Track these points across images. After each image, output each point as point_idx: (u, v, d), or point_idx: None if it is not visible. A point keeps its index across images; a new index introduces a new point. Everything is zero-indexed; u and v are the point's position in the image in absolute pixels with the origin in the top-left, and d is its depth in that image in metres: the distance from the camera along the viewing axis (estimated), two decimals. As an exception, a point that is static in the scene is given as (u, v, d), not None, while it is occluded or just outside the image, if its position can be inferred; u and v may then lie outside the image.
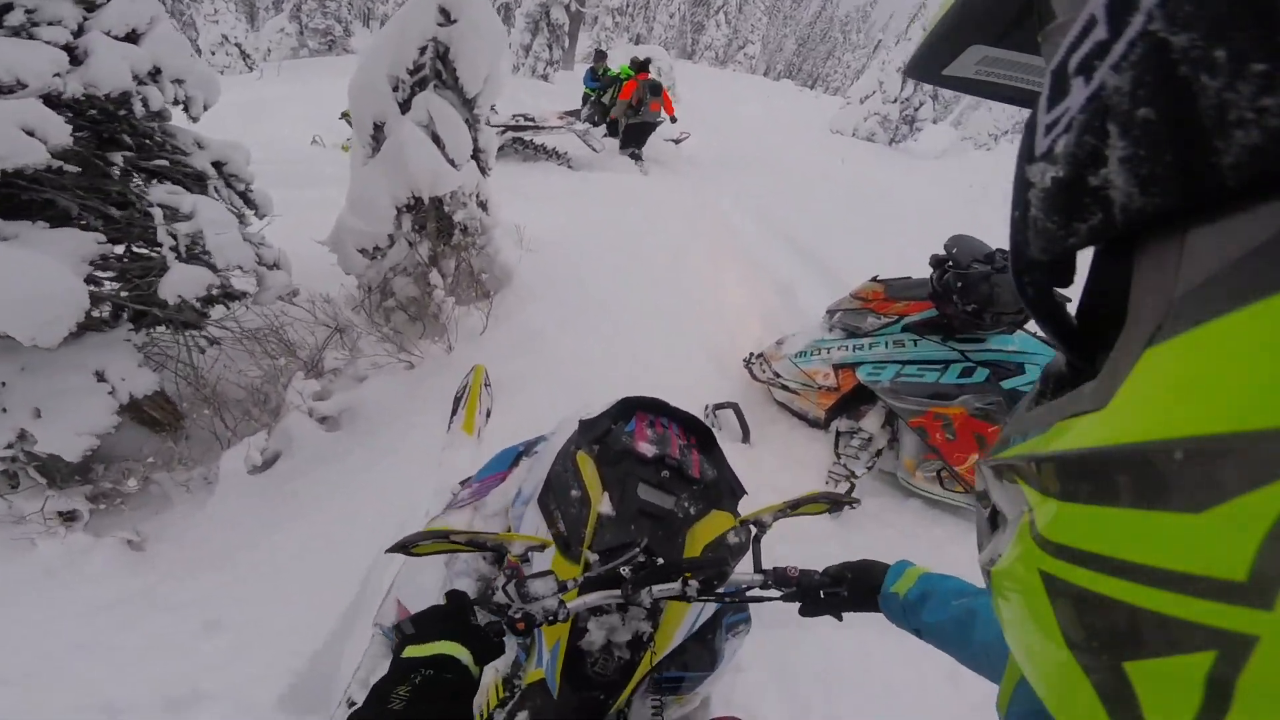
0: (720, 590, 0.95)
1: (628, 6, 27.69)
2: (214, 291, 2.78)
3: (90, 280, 2.58)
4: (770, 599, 1.00)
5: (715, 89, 16.62)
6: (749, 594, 1.01)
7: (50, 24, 2.36)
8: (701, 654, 1.18)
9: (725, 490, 1.24)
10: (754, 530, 1.11)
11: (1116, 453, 0.20)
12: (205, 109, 2.91)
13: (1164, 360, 0.19)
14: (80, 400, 2.47)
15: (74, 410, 2.44)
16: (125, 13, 2.56)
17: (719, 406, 3.04)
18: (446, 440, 2.52)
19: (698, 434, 1.34)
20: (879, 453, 2.83)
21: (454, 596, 0.83)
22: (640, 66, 8.04)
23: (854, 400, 2.88)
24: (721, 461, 1.29)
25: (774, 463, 2.90)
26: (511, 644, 1.19)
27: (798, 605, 1.02)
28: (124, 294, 2.67)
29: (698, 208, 6.04)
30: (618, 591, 0.91)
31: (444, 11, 2.98)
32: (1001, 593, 0.29)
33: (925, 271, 2.74)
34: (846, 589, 0.97)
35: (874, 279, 2.93)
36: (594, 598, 0.91)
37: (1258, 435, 0.15)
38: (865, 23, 46.65)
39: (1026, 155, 0.24)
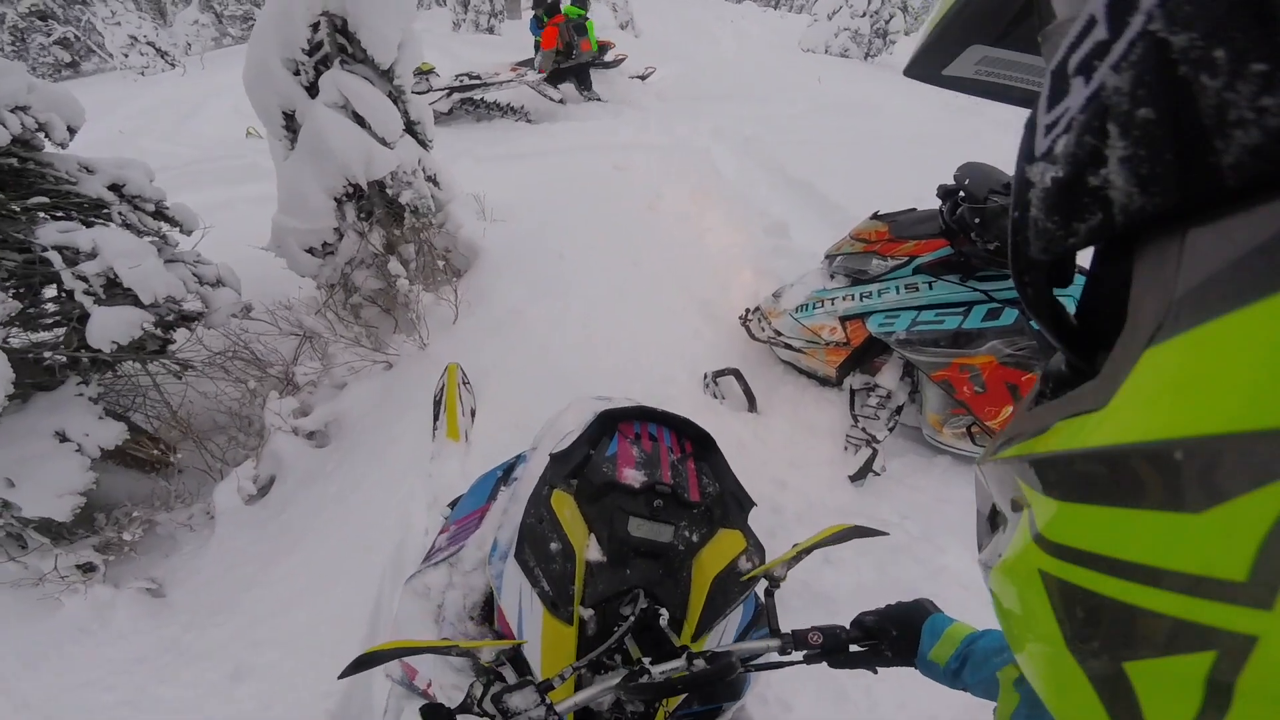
0: (736, 672, 0.82)
1: None
2: (160, 321, 2.57)
3: (21, 329, 2.41)
4: (790, 664, 0.89)
5: (677, 17, 15.75)
6: (766, 664, 0.89)
7: None
8: (725, 688, 1.07)
9: (731, 504, 1.09)
10: (769, 586, 0.96)
11: (1116, 453, 0.20)
12: (72, 132, 2.62)
13: (1164, 360, 0.19)
14: (49, 463, 2.38)
15: (46, 474, 2.36)
16: None
17: (718, 374, 2.76)
18: (434, 449, 2.37)
19: (692, 439, 1.17)
20: (899, 409, 2.56)
21: (432, 714, 0.75)
22: (552, 9, 7.45)
23: (867, 353, 2.60)
24: (723, 469, 1.13)
25: (785, 432, 2.64)
26: None
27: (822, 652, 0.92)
28: (57, 350, 2.46)
29: (672, 146, 5.66)
30: (612, 686, 0.79)
31: None
32: (1001, 593, 0.29)
33: (930, 201, 2.44)
34: (888, 647, 0.87)
35: (875, 215, 2.60)
36: (584, 696, 0.78)
37: (1258, 435, 0.15)
38: None
39: (1026, 155, 0.24)
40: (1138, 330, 0.21)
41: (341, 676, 0.82)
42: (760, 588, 0.98)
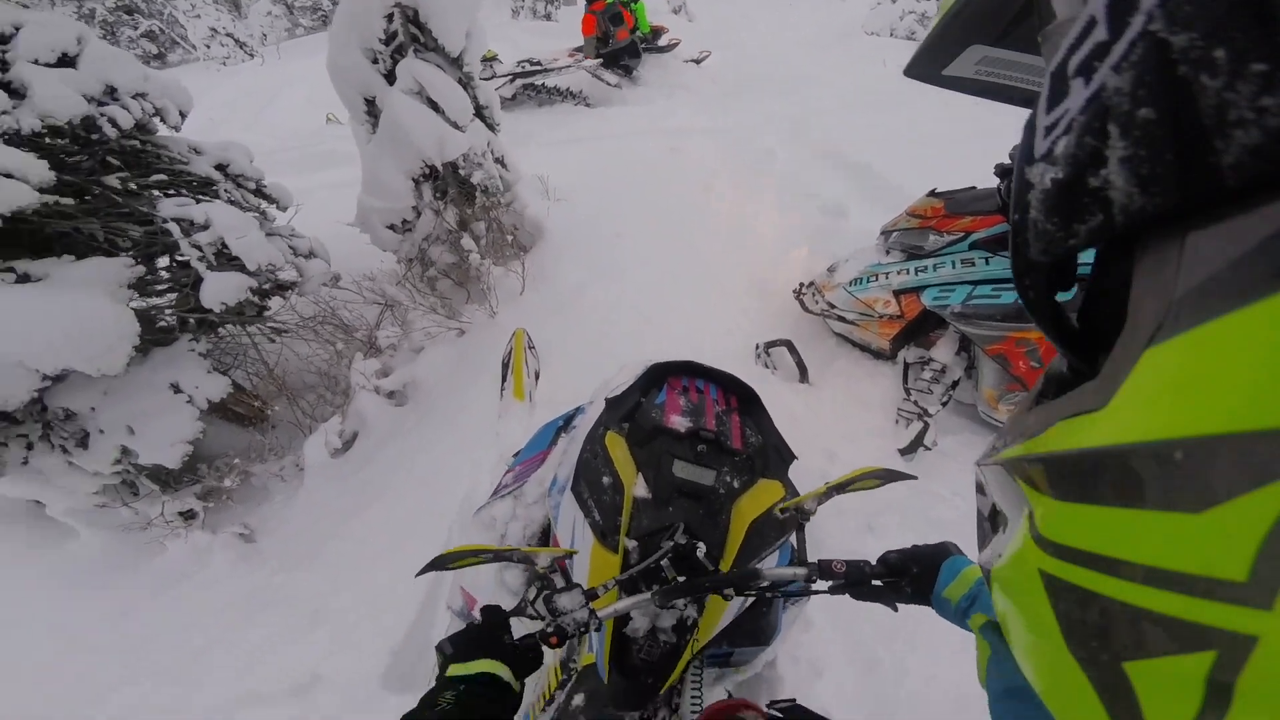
0: (761, 585, 0.90)
1: None
2: (263, 287, 2.84)
3: (142, 295, 2.69)
4: (814, 593, 0.94)
5: (729, 2, 15.48)
6: (791, 589, 0.94)
7: None
8: (753, 630, 1.14)
9: (772, 456, 1.14)
10: (797, 518, 1.02)
11: (1117, 453, 0.20)
12: (183, 116, 2.88)
13: (1164, 360, 0.19)
14: (164, 413, 2.62)
15: (162, 423, 2.60)
16: (46, 40, 2.50)
17: (770, 345, 2.85)
18: (500, 408, 2.54)
19: (738, 394, 1.24)
20: (954, 384, 2.57)
21: (489, 613, 0.84)
22: None
23: (922, 327, 2.62)
24: (767, 424, 1.19)
25: (836, 403, 2.71)
26: None
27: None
28: (173, 309, 2.76)
29: (726, 130, 5.69)
30: (648, 597, 0.86)
31: None
32: (1002, 592, 0.29)
33: (989, 181, 2.46)
34: (908, 584, 0.90)
35: (932, 193, 2.62)
36: (624, 605, 0.86)
37: (1258, 435, 0.15)
38: None
39: (1026, 157, 0.24)
40: (1138, 330, 0.21)
41: (418, 575, 0.94)
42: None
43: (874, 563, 0.92)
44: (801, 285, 3.02)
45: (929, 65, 0.50)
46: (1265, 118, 0.16)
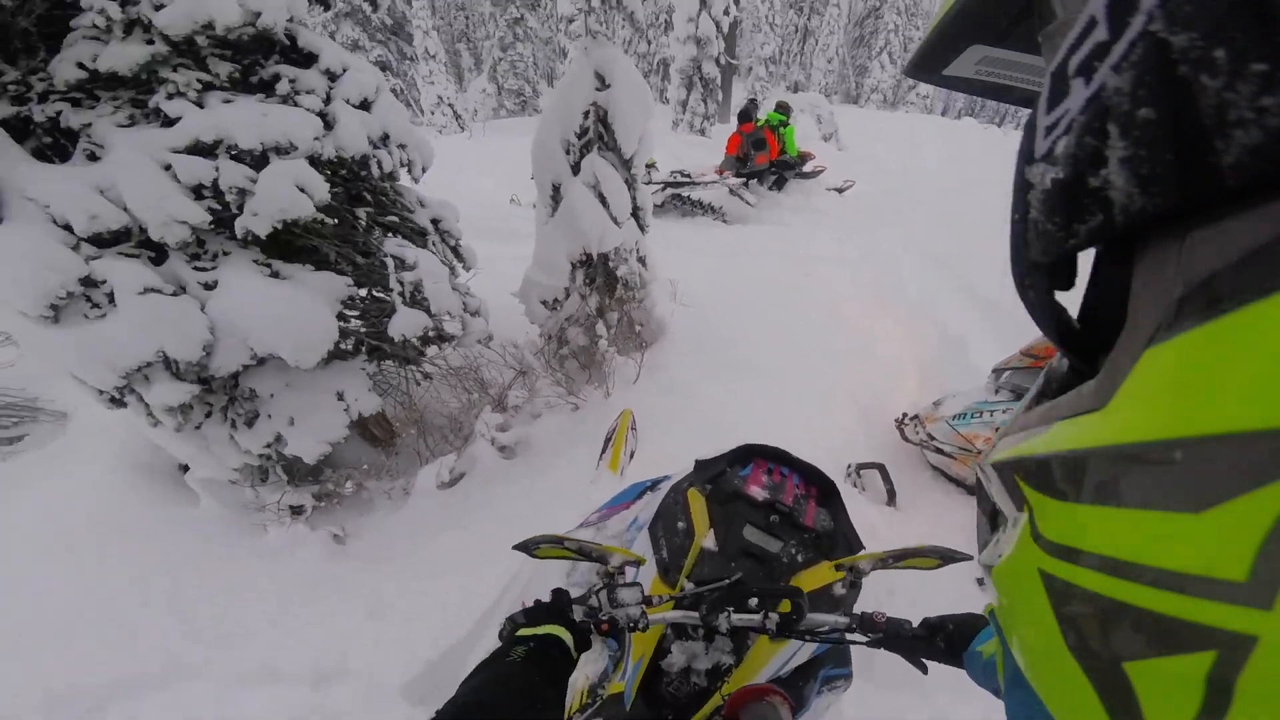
0: (801, 628, 0.94)
1: (781, 55, 27.18)
2: (429, 333, 3.27)
3: (339, 317, 3.10)
4: (854, 643, 0.98)
5: (885, 133, 15.86)
6: (830, 635, 0.98)
7: (307, 92, 2.75)
8: (792, 691, 1.13)
9: (841, 543, 1.19)
10: (850, 576, 1.08)
11: (1116, 453, 0.20)
12: (424, 171, 3.32)
13: (1164, 360, 0.19)
14: (323, 414, 2.96)
15: (318, 421, 2.95)
16: (359, 83, 2.90)
17: (863, 466, 2.92)
18: (594, 475, 2.76)
19: (819, 485, 1.29)
20: None
21: (557, 593, 0.93)
22: (743, 116, 8.11)
23: None
24: (841, 514, 1.25)
25: (920, 528, 2.71)
26: (603, 655, 1.26)
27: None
28: (363, 330, 3.25)
29: (860, 260, 5.91)
30: (696, 615, 0.94)
31: (599, 77, 3.32)
32: (1002, 593, 0.29)
33: None
34: (943, 640, 0.94)
35: None
36: (674, 614, 0.95)
37: (1258, 435, 0.16)
38: None
39: (1026, 157, 0.24)
40: (1138, 330, 0.21)
41: (514, 547, 1.04)
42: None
43: (914, 624, 0.97)
44: (905, 415, 3.08)
45: (929, 65, 0.49)
46: (1265, 118, 0.16)
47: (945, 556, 1.09)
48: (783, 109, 8.27)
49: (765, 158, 7.84)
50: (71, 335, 2.42)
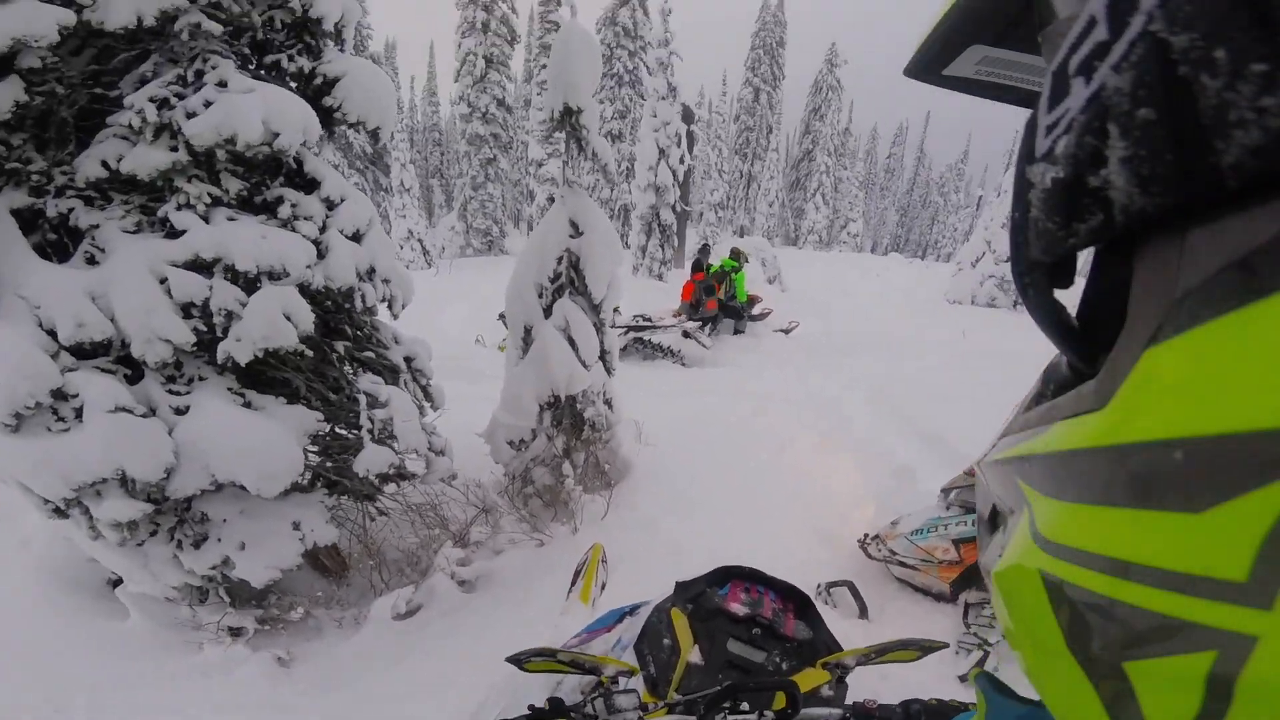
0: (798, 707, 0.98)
1: (728, 200, 29.18)
2: (392, 470, 3.26)
3: (304, 451, 3.08)
4: None
5: (822, 272, 17.25)
6: None
7: (305, 219, 2.80)
8: None
9: (822, 649, 1.23)
10: (837, 673, 1.13)
11: (1116, 453, 0.20)
12: (404, 308, 3.38)
13: (1164, 360, 0.19)
14: (276, 541, 2.91)
15: (271, 547, 2.89)
16: (353, 214, 2.95)
17: (832, 585, 3.03)
18: (564, 607, 2.73)
19: (794, 600, 1.35)
20: None
21: (554, 702, 0.95)
22: (695, 266, 8.92)
23: (980, 573, 2.75)
24: (819, 623, 1.31)
25: (894, 635, 2.74)
26: None
27: None
28: (328, 465, 3.24)
29: (807, 396, 6.31)
30: (693, 717, 0.96)
31: (574, 224, 3.54)
32: (1002, 594, 0.29)
33: None
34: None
35: None
36: (672, 718, 0.98)
37: (1258, 435, 0.16)
38: (961, 180, 43.45)
39: (1026, 156, 0.24)
40: (1138, 330, 0.21)
41: (507, 660, 1.03)
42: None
43: (899, 708, 0.99)
44: (866, 536, 3.25)
45: (928, 65, 0.49)
46: (1265, 118, 0.16)
47: (924, 648, 1.15)
48: (735, 256, 9.06)
49: (714, 303, 8.55)
50: (29, 445, 2.36)
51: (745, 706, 1.01)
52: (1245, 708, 0.17)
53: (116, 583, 3.05)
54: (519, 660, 1.07)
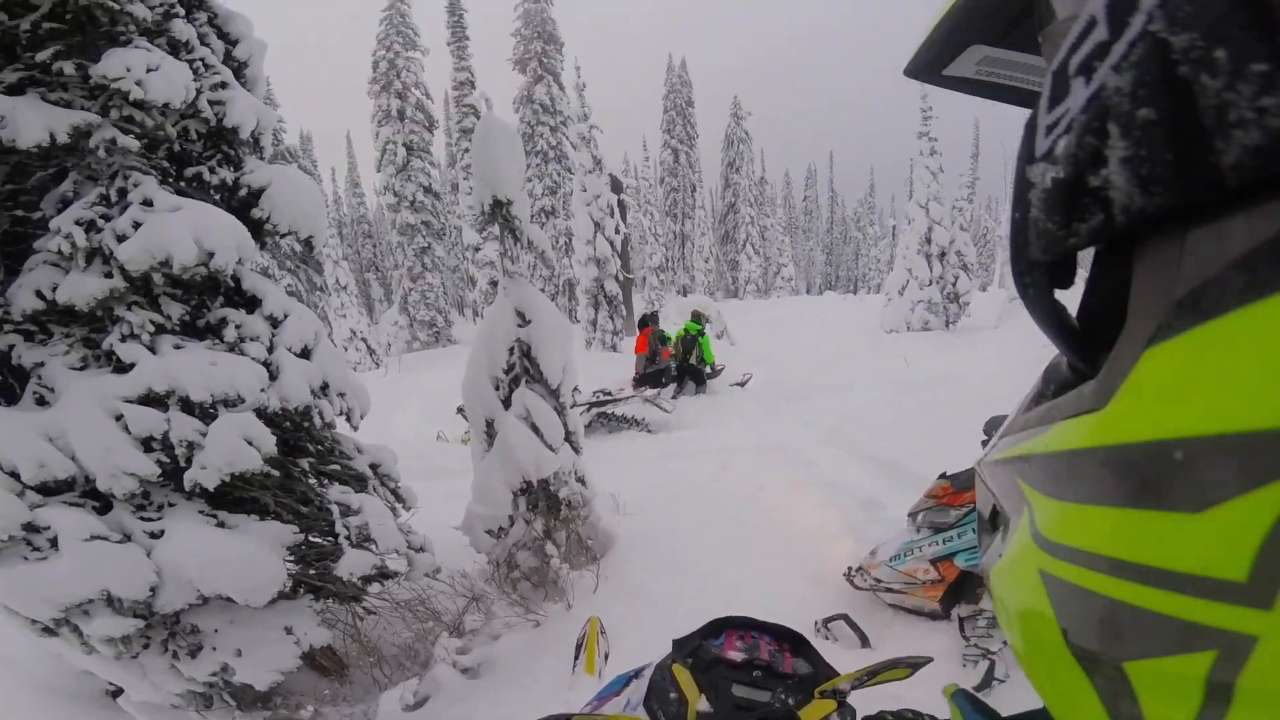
0: None
1: (667, 262, 29.74)
2: (373, 571, 3.27)
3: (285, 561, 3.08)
4: None
5: (764, 320, 17.73)
6: None
7: (252, 340, 2.81)
8: None
9: (823, 681, 1.28)
10: (837, 698, 1.20)
11: (1116, 453, 0.20)
12: (362, 418, 3.41)
13: (1164, 360, 0.19)
14: (272, 646, 2.92)
15: (267, 653, 2.90)
16: (299, 329, 2.97)
17: (829, 620, 3.12)
18: (571, 681, 2.75)
19: (789, 640, 1.41)
20: None
21: None
22: (649, 321, 9.43)
23: (966, 585, 2.94)
24: (817, 657, 1.36)
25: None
26: None
27: None
28: (311, 572, 3.21)
29: (768, 445, 6.53)
30: None
31: (520, 314, 3.61)
32: (1002, 593, 0.29)
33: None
34: None
35: (941, 476, 3.19)
36: None
37: (1258, 435, 0.16)
38: (874, 213, 44.66)
39: (1027, 156, 0.24)
40: (1138, 330, 0.21)
41: None
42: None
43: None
44: (850, 569, 3.38)
45: (928, 65, 0.49)
46: (1265, 118, 0.16)
47: (912, 664, 1.22)
48: (697, 319, 9.46)
49: (668, 351, 8.93)
50: (8, 573, 2.33)
51: None
52: (1245, 708, 0.17)
53: (116, 693, 2.99)
54: None
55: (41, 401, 2.60)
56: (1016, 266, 0.26)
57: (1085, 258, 0.25)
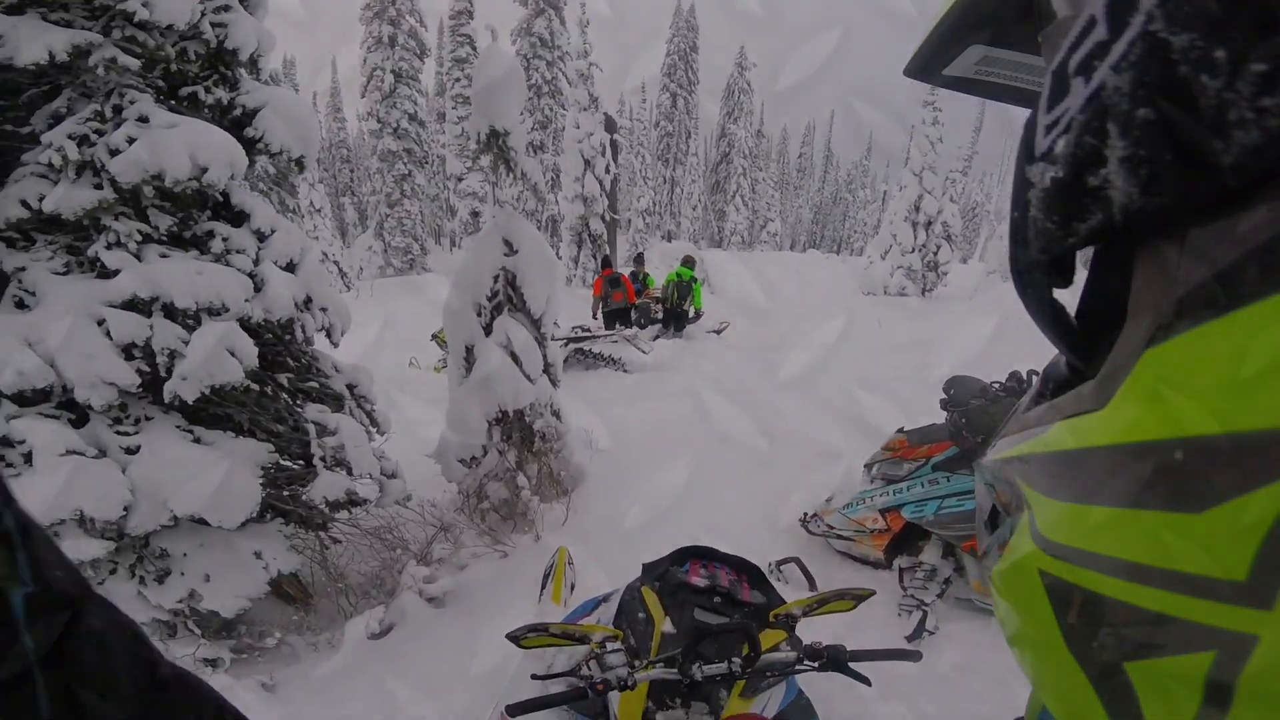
0: (761, 665, 1.14)
1: (654, 205, 29.04)
2: (345, 496, 3.31)
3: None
4: (806, 670, 1.20)
5: (747, 272, 17.90)
6: (785, 670, 1.20)
7: (239, 252, 2.82)
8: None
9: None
10: (788, 624, 1.36)
11: (1116, 453, 0.20)
12: (343, 335, 3.43)
13: (1163, 360, 0.19)
14: (240, 572, 2.96)
15: (235, 578, 2.93)
16: (286, 244, 2.98)
17: (781, 562, 3.30)
18: (538, 610, 2.87)
19: (747, 572, 1.53)
20: (948, 581, 2.99)
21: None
22: (605, 263, 9.46)
23: (909, 538, 3.12)
24: (770, 590, 1.53)
25: None
26: None
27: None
28: (285, 494, 3.24)
29: (742, 392, 6.67)
30: (675, 669, 1.12)
31: (507, 243, 3.62)
32: (1001, 593, 0.29)
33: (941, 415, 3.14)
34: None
35: (899, 430, 3.35)
36: (657, 671, 1.14)
37: (1257, 435, 0.16)
38: (867, 177, 44.07)
39: (1026, 155, 0.24)
40: (1138, 330, 0.21)
41: (506, 636, 1.19)
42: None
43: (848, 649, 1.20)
44: (805, 515, 3.57)
45: (928, 65, 0.49)
46: (1265, 118, 0.16)
47: (856, 597, 1.37)
48: (690, 264, 9.37)
49: (620, 294, 8.90)
50: None
51: (715, 656, 1.16)
52: (1245, 708, 0.17)
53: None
54: (516, 637, 1.22)
55: (21, 305, 2.55)
56: (1015, 266, 0.26)
57: (1085, 257, 0.25)
